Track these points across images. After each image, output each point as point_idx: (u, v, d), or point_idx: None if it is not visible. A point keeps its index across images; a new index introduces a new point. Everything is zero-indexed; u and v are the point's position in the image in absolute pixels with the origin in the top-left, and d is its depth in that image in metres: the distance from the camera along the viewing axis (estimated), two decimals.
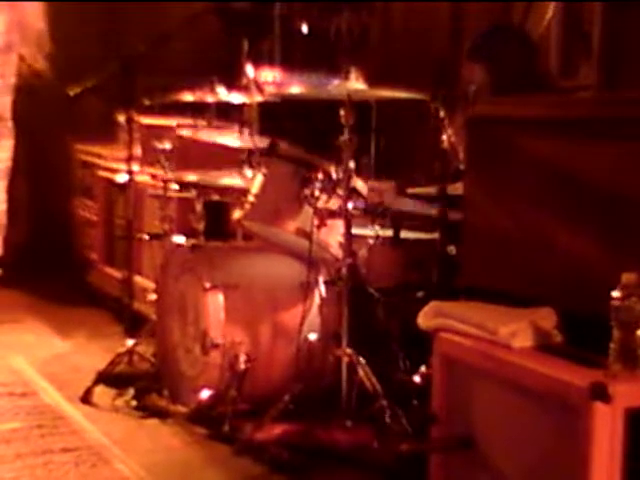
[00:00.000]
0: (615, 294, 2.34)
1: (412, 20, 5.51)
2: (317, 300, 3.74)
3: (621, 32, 4.13)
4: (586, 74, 4.36)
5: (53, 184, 6.37)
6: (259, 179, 3.80)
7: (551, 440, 2.42)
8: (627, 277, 2.34)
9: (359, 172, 3.69)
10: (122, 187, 4.78)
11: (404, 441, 3.23)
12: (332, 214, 3.62)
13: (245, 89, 4.30)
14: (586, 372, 2.37)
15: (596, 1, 4.27)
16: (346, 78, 3.62)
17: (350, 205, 3.56)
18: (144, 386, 3.99)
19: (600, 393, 2.26)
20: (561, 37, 4.53)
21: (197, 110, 4.62)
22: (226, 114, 4.61)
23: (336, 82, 3.66)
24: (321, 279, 3.75)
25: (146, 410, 3.86)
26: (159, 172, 4.26)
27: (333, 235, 3.66)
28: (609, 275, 2.38)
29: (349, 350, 3.52)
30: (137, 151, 4.63)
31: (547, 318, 2.67)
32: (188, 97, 4.34)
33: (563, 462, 2.38)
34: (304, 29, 5.64)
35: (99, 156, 5.79)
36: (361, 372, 3.48)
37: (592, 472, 2.30)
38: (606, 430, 2.28)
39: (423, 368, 3.47)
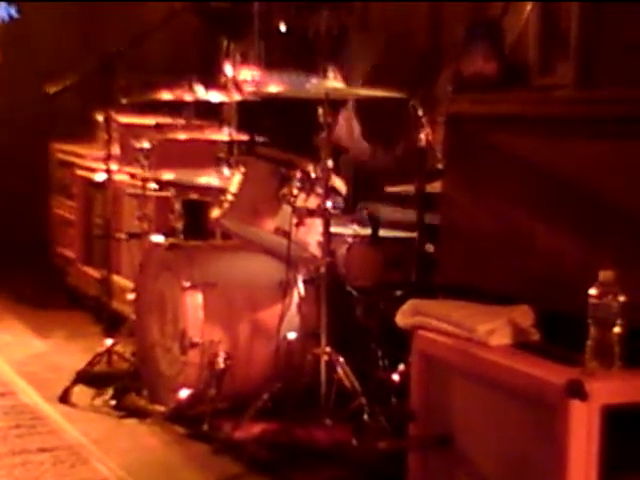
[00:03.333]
0: (592, 292, 2.35)
1: (390, 20, 5.51)
2: (296, 299, 3.74)
3: (598, 31, 4.15)
4: (563, 72, 4.37)
5: (31, 183, 6.34)
6: (237, 178, 3.79)
7: (528, 437, 2.43)
8: (604, 275, 2.35)
9: (338, 171, 3.69)
10: (100, 186, 4.76)
11: (383, 439, 3.23)
12: (311, 213, 3.62)
13: (224, 88, 4.30)
14: (563, 370, 2.38)
15: (573, 0, 4.29)
16: (324, 77, 3.62)
17: (329, 204, 3.56)
18: (123, 386, 3.97)
19: (577, 390, 2.26)
20: (539, 35, 4.54)
21: (176, 109, 4.61)
22: (205, 113, 4.60)
23: (314, 81, 3.66)
24: (300, 278, 3.75)
25: (125, 410, 3.85)
26: (137, 171, 4.25)
27: (312, 234, 3.66)
28: (586, 273, 2.39)
29: (328, 349, 3.52)
30: (115, 150, 4.61)
31: (524, 316, 2.68)
32: (167, 96, 4.33)
33: (540, 459, 2.39)
34: (282, 28, 5.64)
35: (77, 155, 5.77)
36: (340, 371, 3.48)
37: (569, 469, 2.31)
38: (583, 427, 2.29)
39: (402, 366, 3.48)
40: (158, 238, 4.04)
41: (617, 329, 2.34)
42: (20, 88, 6.34)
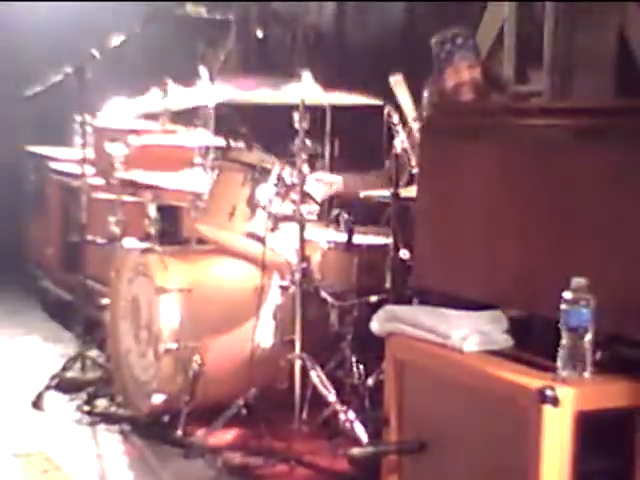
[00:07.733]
0: (564, 298, 2.36)
1: (366, 24, 5.52)
2: (271, 304, 3.74)
3: (572, 38, 4.17)
4: (538, 80, 4.40)
5: (6, 187, 6.31)
6: (212, 183, 3.79)
7: (502, 443, 2.43)
8: (576, 282, 2.36)
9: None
10: (76, 190, 4.74)
11: (357, 445, 3.23)
12: (286, 218, 3.61)
13: (200, 92, 4.29)
14: (536, 376, 2.39)
15: (549, 2, 4.31)
16: (301, 82, 3.62)
17: (304, 209, 3.56)
18: (96, 391, 3.96)
19: (549, 397, 2.28)
20: (514, 43, 4.56)
21: (151, 113, 4.60)
22: (181, 117, 4.59)
23: (291, 86, 3.66)
24: (275, 283, 3.74)
25: (98, 415, 3.84)
26: (113, 175, 4.23)
27: (287, 239, 3.66)
28: (559, 280, 2.40)
29: (303, 354, 3.52)
30: (91, 154, 4.59)
31: (498, 322, 2.69)
32: (143, 100, 4.32)
33: (514, 465, 2.40)
34: (259, 34, 5.63)
35: (53, 159, 5.74)
36: (315, 377, 3.48)
37: (542, 474, 2.31)
38: (555, 433, 2.30)
39: (376, 372, 3.48)
40: (133, 243, 4.03)
41: (589, 335, 2.35)
42: None
